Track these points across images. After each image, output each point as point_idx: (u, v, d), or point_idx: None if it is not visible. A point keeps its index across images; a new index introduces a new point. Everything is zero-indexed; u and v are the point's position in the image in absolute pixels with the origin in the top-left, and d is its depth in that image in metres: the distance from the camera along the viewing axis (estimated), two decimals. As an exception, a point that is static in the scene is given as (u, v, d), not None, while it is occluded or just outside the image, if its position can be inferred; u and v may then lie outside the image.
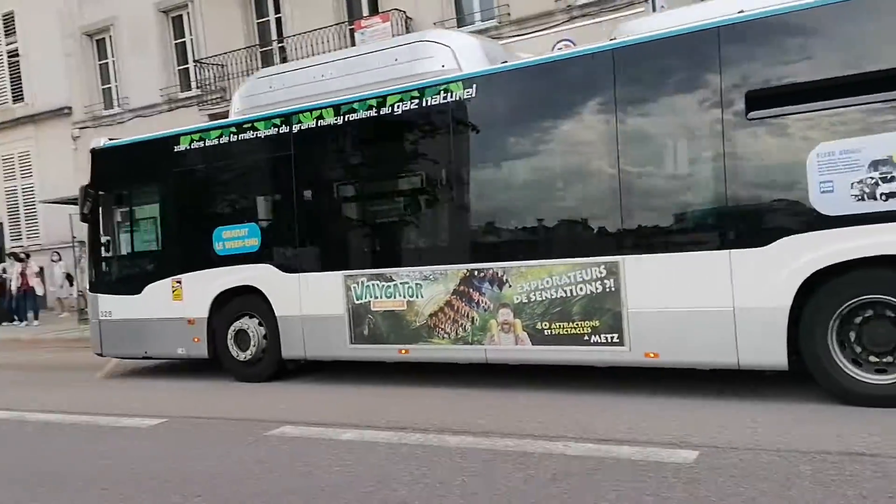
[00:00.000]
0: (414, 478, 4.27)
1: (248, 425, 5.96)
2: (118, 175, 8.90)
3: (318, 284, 7.31)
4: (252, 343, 7.80)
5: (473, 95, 6.46)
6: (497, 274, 6.35)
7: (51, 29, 18.60)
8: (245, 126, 7.73)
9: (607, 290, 5.84)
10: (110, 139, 9.28)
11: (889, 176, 4.84)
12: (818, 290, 5.13)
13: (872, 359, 5.03)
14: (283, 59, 15.41)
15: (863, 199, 4.91)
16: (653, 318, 5.71)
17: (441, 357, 6.81)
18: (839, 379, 5.10)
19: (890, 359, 4.96)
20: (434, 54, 6.92)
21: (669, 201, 5.77)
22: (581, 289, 5.96)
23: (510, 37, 12.47)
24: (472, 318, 6.49)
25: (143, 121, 17.62)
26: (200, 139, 8.06)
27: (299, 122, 7.36)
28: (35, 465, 5.41)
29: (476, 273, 6.46)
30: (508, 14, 13.09)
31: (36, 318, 16.01)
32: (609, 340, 5.87)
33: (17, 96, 19.52)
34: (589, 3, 12.45)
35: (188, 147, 8.14)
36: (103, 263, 9.01)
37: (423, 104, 6.70)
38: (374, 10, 14.49)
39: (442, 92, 6.60)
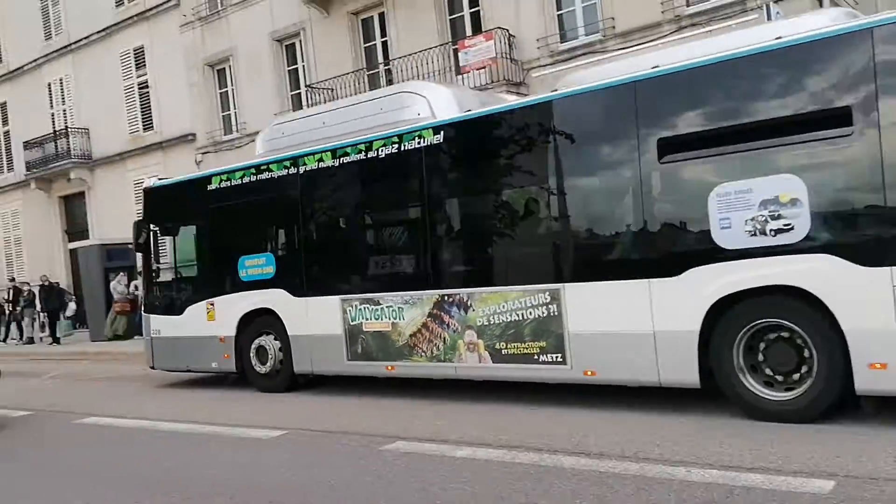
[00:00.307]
0: (530, 499, 4.25)
1: (363, 439, 6.11)
2: (164, 210, 10.14)
3: (320, 307, 8.25)
4: (270, 357, 8.79)
5: (441, 140, 7.30)
6: (463, 299, 7.16)
7: (177, 61, 19.89)
8: (262, 167, 8.79)
9: (551, 314, 6.57)
10: (159, 179, 10.47)
11: (776, 214, 5.42)
12: (722, 316, 5.73)
13: (779, 378, 5.55)
14: (390, 81, 15.82)
15: (755, 235, 5.53)
16: (589, 340, 6.40)
17: (419, 374, 7.65)
18: (745, 396, 5.68)
19: (796, 376, 5.46)
20: (412, 104, 7.83)
21: (601, 235, 6.65)
22: (530, 313, 6.70)
23: (615, 50, 12.34)
24: (444, 338, 7.30)
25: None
26: (227, 179, 9.17)
27: (304, 164, 8.40)
28: (167, 472, 5.75)
29: (446, 298, 7.27)
30: (613, 27, 12.91)
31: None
32: (554, 360, 6.58)
33: (147, 125, 20.94)
34: (699, 13, 12.09)
35: (218, 186, 9.25)
36: (153, 288, 10.29)
37: (402, 148, 7.56)
38: (476, 29, 14.67)
39: (416, 137, 7.45)
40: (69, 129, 22.26)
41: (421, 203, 7.64)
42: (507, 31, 13.88)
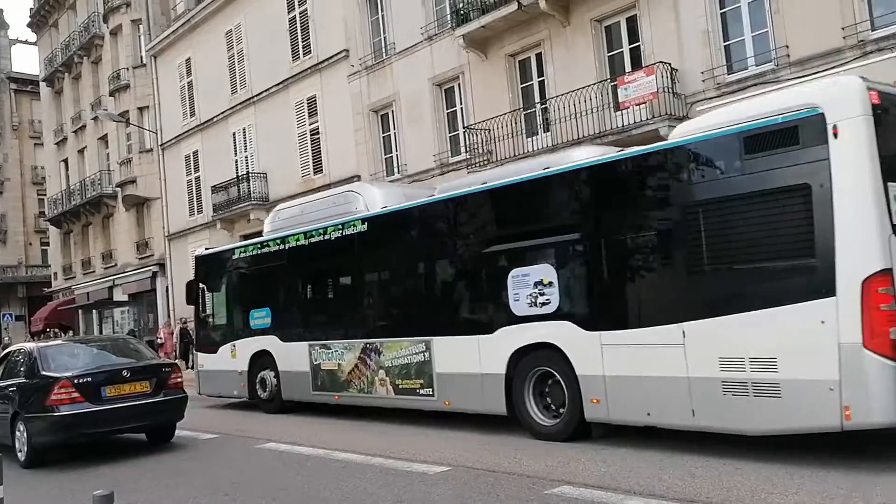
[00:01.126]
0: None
1: (527, 481, 6.08)
2: (206, 273, 13.54)
3: (296, 350, 11.07)
4: (268, 387, 11.65)
5: (366, 228, 10.06)
6: (377, 346, 9.77)
7: (344, 109, 21.19)
8: (263, 244, 12.04)
9: (425, 359, 9.09)
10: (206, 249, 14.10)
11: (542, 291, 7.78)
12: (518, 363, 8.01)
13: (554, 408, 7.80)
14: (546, 120, 15.95)
15: (532, 306, 7.88)
16: (447, 378, 8.85)
17: (353, 402, 10.30)
18: (530, 422, 7.95)
19: (563, 409, 7.64)
20: (353, 200, 10.64)
21: (452, 301, 9.27)
22: (414, 357, 9.24)
23: (789, 79, 11.67)
24: (367, 375, 9.90)
25: (418, 185, 19.23)
26: (244, 251, 12.56)
27: (287, 242, 11.43)
28: (345, 499, 6.01)
29: (367, 345, 9.91)
30: (787, 55, 12.23)
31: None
32: (427, 393, 9.08)
33: (317, 168, 22.41)
34: (885, 37, 11.17)
35: (239, 256, 12.63)
36: (201, 332, 13.69)
37: (343, 233, 10.35)
38: (636, 65, 14.46)
39: (351, 226, 10.23)
40: (250, 174, 24.26)
41: (353, 274, 10.56)
42: (670, 64, 13.57)
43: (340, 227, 10.40)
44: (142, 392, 9.07)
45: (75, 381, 8.72)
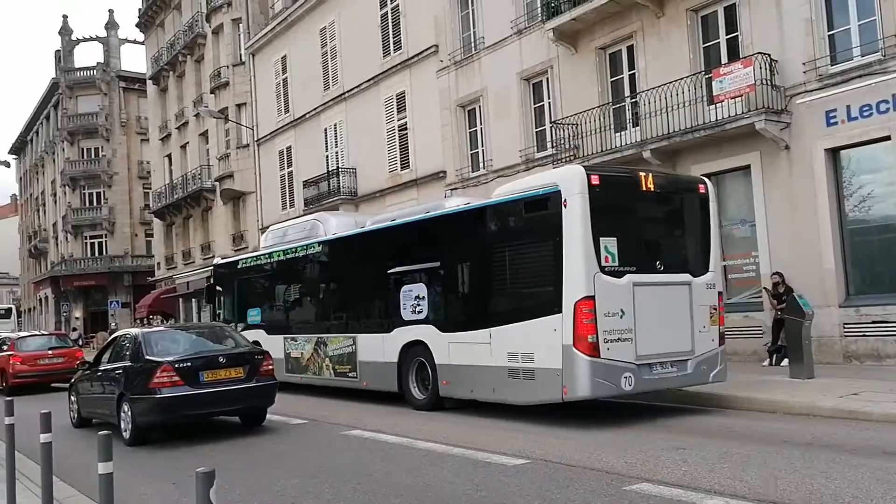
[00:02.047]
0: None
1: (606, 477, 6.04)
2: (220, 278, 17.27)
3: (275, 341, 14.15)
4: None
5: (319, 250, 13.66)
6: (324, 339, 13.03)
7: (432, 104, 21.45)
8: (257, 257, 15.75)
9: (353, 350, 12.27)
10: (221, 258, 18.16)
11: (418, 304, 10.80)
12: (406, 354, 10.98)
13: (427, 386, 10.64)
14: (635, 115, 15.65)
15: (413, 313, 10.90)
16: (366, 365, 11.91)
17: (310, 382, 13.50)
18: (410, 397, 10.87)
19: (429, 388, 10.54)
20: (316, 227, 14.12)
21: (368, 309, 12.30)
22: (346, 349, 12.43)
23: (898, 70, 11.03)
24: (318, 361, 13.16)
25: (504, 180, 19.22)
26: (246, 262, 16.20)
27: (271, 257, 15.03)
28: (428, 487, 6.14)
29: (319, 338, 13.17)
30: None
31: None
32: (353, 376, 12.17)
33: (405, 164, 22.78)
34: None
35: (241, 266, 16.33)
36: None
37: (308, 252, 13.90)
38: (732, 56, 13.98)
39: (314, 247, 13.75)
40: (340, 169, 24.91)
41: (312, 283, 14.14)
42: (769, 55, 13.05)
43: (305, 247, 13.99)
44: (236, 377, 9.60)
45: (176, 366, 9.25)
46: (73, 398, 11.72)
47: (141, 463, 8.07)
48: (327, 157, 26.11)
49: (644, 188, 9.11)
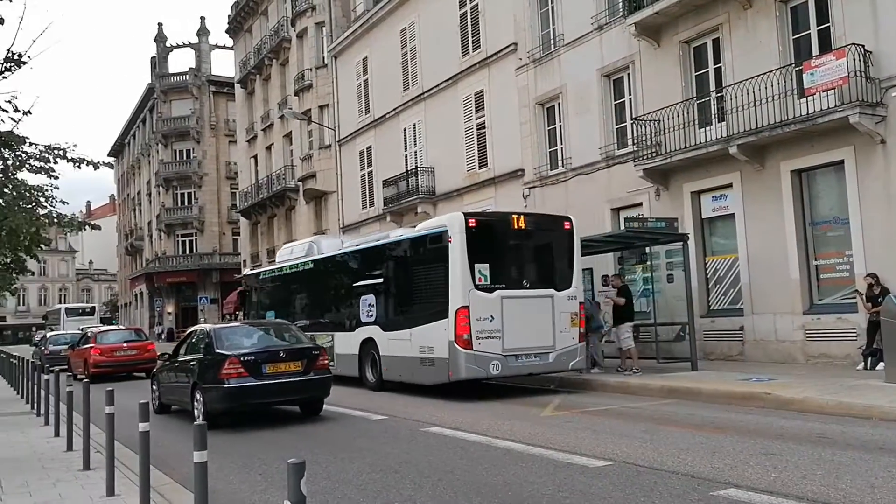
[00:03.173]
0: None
1: (692, 482, 5.91)
2: (248, 285, 21.94)
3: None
4: None
5: (311, 267, 17.29)
6: (314, 336, 14.51)
7: (510, 102, 21.41)
8: (272, 270, 19.88)
9: (332, 344, 15.59)
10: (249, 269, 25.74)
11: (370, 310, 14.54)
12: (364, 348, 14.55)
13: (373, 372, 14.31)
14: (721, 110, 15.18)
15: (368, 317, 14.59)
16: (339, 356, 15.32)
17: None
18: (366, 380, 14.38)
19: (377, 374, 14.11)
20: (313, 247, 17.80)
21: (341, 312, 16.06)
22: (327, 343, 15.19)
23: None
24: (331, 352, 14.99)
25: (583, 178, 19.02)
26: (263, 274, 20.59)
27: (281, 270, 18.85)
28: (508, 485, 6.17)
29: (311, 335, 14.02)
30: None
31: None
32: (333, 364, 13.66)
33: (482, 163, 22.82)
34: None
35: (261, 276, 20.65)
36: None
37: (303, 268, 17.60)
38: (824, 47, 13.36)
39: (307, 264, 17.42)
40: (418, 169, 25.18)
41: (307, 292, 18.06)
42: (863, 46, 12.42)
43: (302, 264, 17.98)
44: (295, 371, 10.53)
45: (242, 359, 10.23)
46: (154, 387, 12.96)
47: (227, 454, 8.39)
48: (406, 156, 26.43)
49: (515, 227, 12.59)
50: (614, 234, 15.54)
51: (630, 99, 17.85)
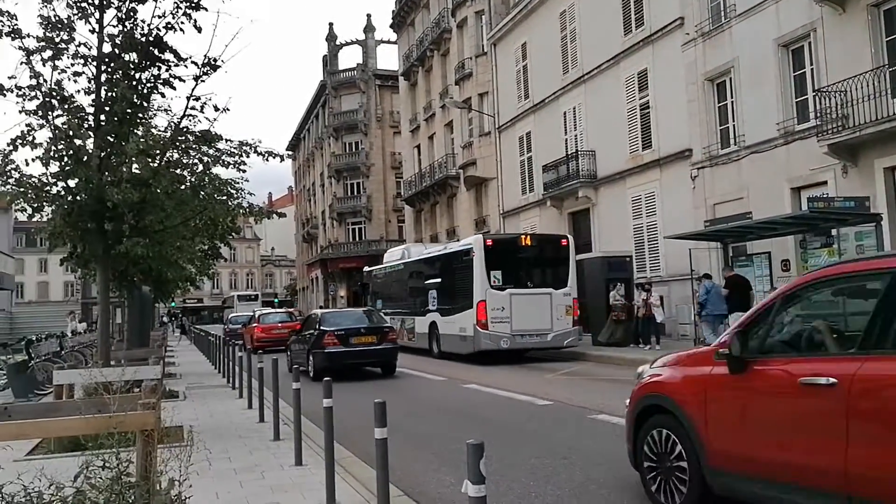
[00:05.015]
0: None
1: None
2: (368, 279, 28.29)
3: (391, 319, 20.56)
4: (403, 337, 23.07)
5: (402, 267, 24.13)
6: (402, 319, 22.58)
7: (676, 80, 20.52)
8: (382, 269, 26.57)
9: (413, 326, 22.12)
10: (367, 267, 29.51)
11: (434, 301, 20.48)
12: (434, 327, 20.27)
13: (439, 346, 20.34)
14: (921, 75, 13.67)
15: (432, 306, 20.73)
16: (417, 333, 21.74)
17: (412, 346, 21.64)
18: (430, 352, 20.64)
19: (440, 347, 20.42)
20: (405, 253, 24.74)
21: (417, 302, 21.93)
22: (410, 324, 22.30)
23: None
24: (402, 331, 21.97)
25: (758, 156, 17.88)
26: (377, 272, 27.19)
27: (385, 269, 26.15)
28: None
29: (402, 318, 22.58)
30: None
31: (658, 342, 17.72)
32: (413, 339, 21.72)
33: (646, 144, 22.09)
34: None
35: (375, 273, 27.34)
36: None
37: (397, 269, 24.68)
38: None
39: (400, 266, 24.39)
40: (579, 153, 24.84)
41: (400, 286, 23.98)
42: None
43: (397, 265, 24.54)
44: (371, 342, 15.78)
45: (336, 333, 15.55)
46: (288, 354, 18.79)
47: (402, 431, 8.82)
48: (566, 140, 26.17)
49: (522, 244, 18.46)
50: (795, 216, 14.53)
51: (811, 69, 16.54)
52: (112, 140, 8.78)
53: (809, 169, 16.39)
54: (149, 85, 9.00)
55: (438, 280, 20.06)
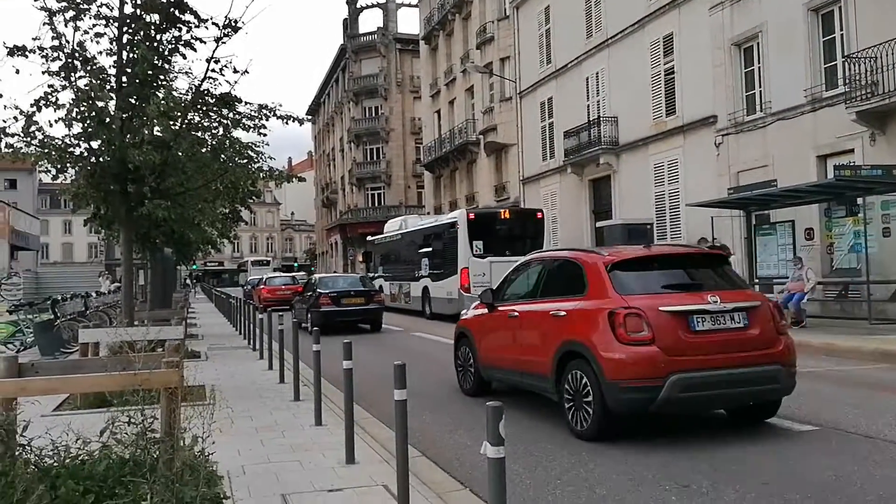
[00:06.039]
0: None
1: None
2: (372, 249, 31.26)
3: (387, 285, 26.91)
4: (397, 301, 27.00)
5: (400, 237, 27.07)
6: (399, 284, 26.06)
7: (702, 45, 20.10)
8: (383, 238, 29.52)
9: (409, 290, 25.13)
10: (371, 236, 32.28)
11: (426, 267, 23.70)
12: (426, 290, 23.19)
13: (431, 308, 23.58)
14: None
15: (424, 272, 23.73)
16: (411, 297, 24.65)
17: (395, 306, 25.23)
18: (423, 313, 23.31)
19: (430, 307, 23.37)
20: (403, 223, 27.74)
21: (412, 268, 25.06)
22: (406, 289, 25.33)
23: None
24: (400, 296, 25.83)
25: (784, 123, 17.56)
26: (378, 241, 30.20)
27: (384, 239, 29.37)
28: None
29: (400, 284, 25.98)
30: None
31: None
32: (409, 302, 24.90)
33: (670, 110, 21.74)
34: None
35: (377, 243, 30.39)
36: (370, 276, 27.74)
37: (395, 238, 27.70)
38: None
39: (397, 236, 27.32)
40: (601, 119, 24.54)
41: (398, 254, 27.33)
42: None
43: (395, 235, 27.25)
44: (360, 303, 19.02)
45: (329, 295, 18.82)
46: (292, 311, 20.85)
47: (420, 395, 8.88)
48: (588, 106, 25.83)
49: (501, 217, 21.26)
50: (821, 183, 14.31)
51: (841, 35, 16.12)
52: (133, 102, 8.82)
53: (836, 136, 16.09)
54: (170, 46, 9.00)
55: (430, 249, 23.06)
